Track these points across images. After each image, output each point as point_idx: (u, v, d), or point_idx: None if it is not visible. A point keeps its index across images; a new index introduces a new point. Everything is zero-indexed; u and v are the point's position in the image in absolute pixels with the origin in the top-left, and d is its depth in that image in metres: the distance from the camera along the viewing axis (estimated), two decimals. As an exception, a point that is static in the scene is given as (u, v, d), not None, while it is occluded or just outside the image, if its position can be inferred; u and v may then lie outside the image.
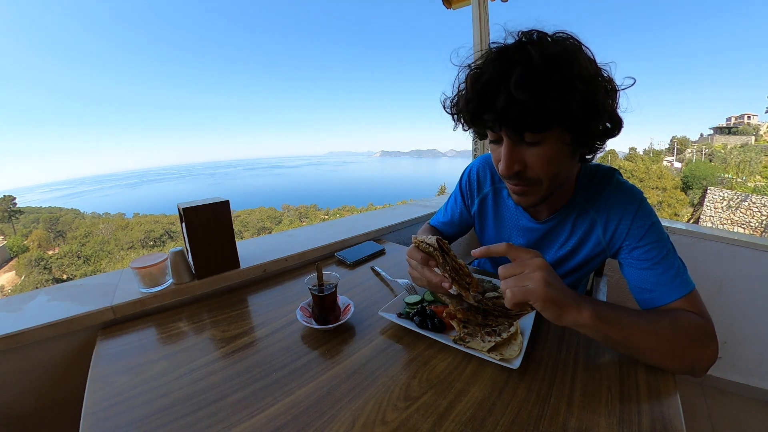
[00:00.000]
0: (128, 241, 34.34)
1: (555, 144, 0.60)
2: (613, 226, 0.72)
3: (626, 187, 0.73)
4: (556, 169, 0.63)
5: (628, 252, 0.70)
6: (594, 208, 0.74)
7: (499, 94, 0.55)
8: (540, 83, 0.53)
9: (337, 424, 0.50)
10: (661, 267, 0.65)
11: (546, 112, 0.54)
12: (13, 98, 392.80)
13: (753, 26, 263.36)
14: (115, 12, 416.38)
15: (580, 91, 0.54)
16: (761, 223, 18.03)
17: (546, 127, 0.57)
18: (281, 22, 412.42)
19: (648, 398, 0.53)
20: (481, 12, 1.77)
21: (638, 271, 0.68)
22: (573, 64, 0.54)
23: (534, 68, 0.53)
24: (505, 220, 0.87)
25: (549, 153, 0.60)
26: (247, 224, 41.14)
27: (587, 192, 0.75)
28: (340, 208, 53.38)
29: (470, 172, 0.93)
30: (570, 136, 0.59)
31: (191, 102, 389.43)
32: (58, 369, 0.79)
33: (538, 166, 0.61)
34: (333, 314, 0.74)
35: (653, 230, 0.68)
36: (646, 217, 0.69)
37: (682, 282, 0.64)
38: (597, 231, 0.75)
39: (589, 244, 0.76)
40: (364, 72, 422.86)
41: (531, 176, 0.63)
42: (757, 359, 1.50)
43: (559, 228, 0.79)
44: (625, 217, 0.70)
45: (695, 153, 38.02)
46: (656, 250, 0.67)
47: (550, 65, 0.53)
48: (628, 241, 0.70)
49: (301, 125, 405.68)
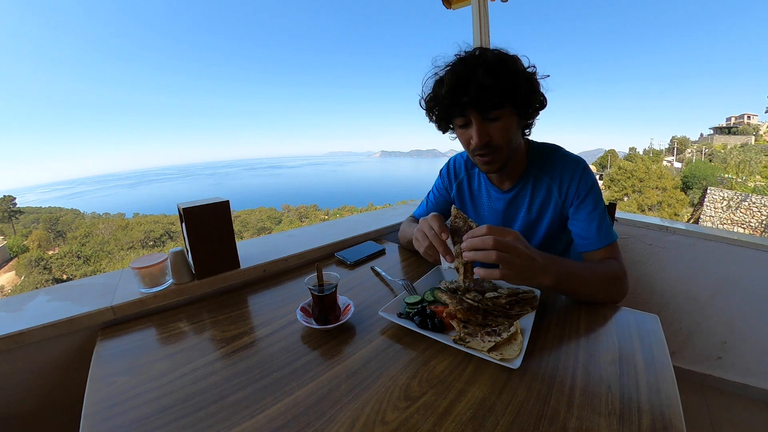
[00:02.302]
0: (128, 242, 34.34)
1: (508, 118, 0.82)
2: (566, 186, 0.91)
3: (572, 156, 0.94)
4: (510, 137, 0.84)
5: (574, 208, 0.91)
6: (548, 176, 0.94)
7: (470, 83, 0.78)
8: (497, 73, 0.77)
9: (337, 424, 0.50)
10: (596, 221, 0.87)
11: (502, 92, 0.77)
12: (13, 98, 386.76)
13: (753, 26, 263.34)
14: (115, 12, 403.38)
15: (523, 77, 0.80)
16: (761, 223, 18.02)
17: (502, 105, 0.79)
18: (281, 23, 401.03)
19: (648, 398, 0.53)
20: (481, 12, 1.77)
21: (580, 223, 0.89)
22: (516, 63, 0.81)
23: (491, 65, 0.78)
24: (479, 195, 1.08)
25: (505, 125, 0.82)
26: (247, 224, 41.14)
27: (538, 163, 0.95)
28: (340, 208, 53.39)
29: (448, 165, 1.17)
30: (517, 112, 0.83)
31: (191, 102, 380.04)
32: (58, 369, 0.79)
33: (500, 135, 0.83)
34: (333, 314, 0.74)
35: (593, 190, 0.90)
36: (589, 180, 0.90)
37: (609, 234, 0.87)
38: (554, 193, 0.93)
39: (550, 205, 0.94)
40: (364, 72, 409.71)
41: (495, 144, 0.83)
42: (757, 359, 1.50)
43: (521, 194, 0.98)
44: (573, 180, 0.90)
45: (695, 153, 38.02)
46: (593, 205, 0.88)
47: (502, 63, 0.79)
48: (575, 200, 0.90)
49: (301, 125, 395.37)
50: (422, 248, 0.79)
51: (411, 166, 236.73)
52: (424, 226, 0.78)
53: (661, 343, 0.66)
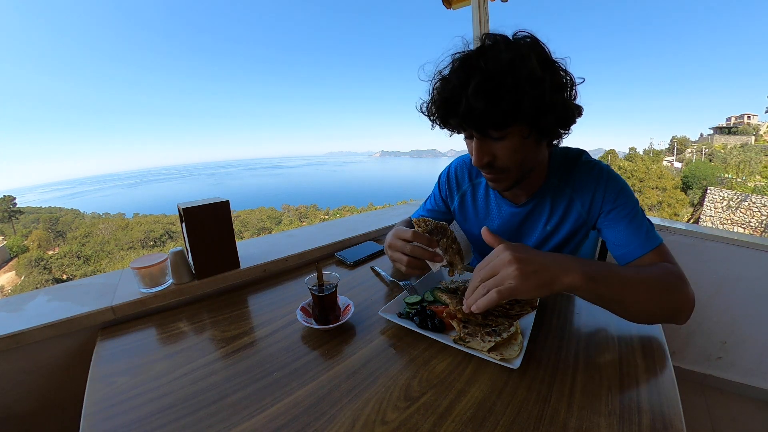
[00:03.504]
0: (128, 241, 34.32)
1: (517, 137, 0.67)
2: (589, 197, 0.80)
3: (592, 163, 0.82)
4: (521, 158, 0.71)
5: (604, 216, 0.79)
6: (570, 187, 0.82)
7: (460, 101, 0.63)
8: (495, 89, 0.61)
9: (337, 425, 0.50)
10: (634, 225, 0.74)
11: (501, 114, 0.62)
12: (13, 98, 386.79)
13: (753, 26, 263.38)
14: (114, 12, 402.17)
15: (529, 93, 0.61)
16: (761, 223, 18.01)
17: (504, 126, 0.65)
18: (281, 23, 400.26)
19: (648, 398, 0.53)
20: (481, 12, 1.77)
21: (614, 230, 0.76)
22: (523, 69, 0.60)
23: (489, 76, 0.61)
24: (488, 210, 0.94)
25: (513, 145, 0.68)
26: (247, 224, 41.12)
27: (560, 174, 0.83)
28: (340, 208, 53.36)
29: (448, 172, 1.01)
30: (528, 130, 0.66)
31: (191, 102, 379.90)
32: (58, 369, 0.79)
33: (505, 156, 0.70)
34: (333, 314, 0.74)
35: (623, 193, 0.77)
36: (616, 183, 0.78)
37: (652, 237, 0.72)
38: (576, 206, 0.82)
39: (570, 219, 0.83)
40: (364, 72, 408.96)
41: (500, 166, 0.71)
42: (757, 359, 1.50)
43: (538, 209, 0.86)
44: (598, 188, 0.79)
45: (695, 153, 38.00)
46: (627, 208, 0.76)
47: (503, 71, 0.61)
48: (604, 206, 0.78)
49: (301, 125, 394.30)
50: (404, 268, 0.79)
51: (411, 166, 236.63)
52: (394, 246, 0.79)
53: (661, 343, 0.66)
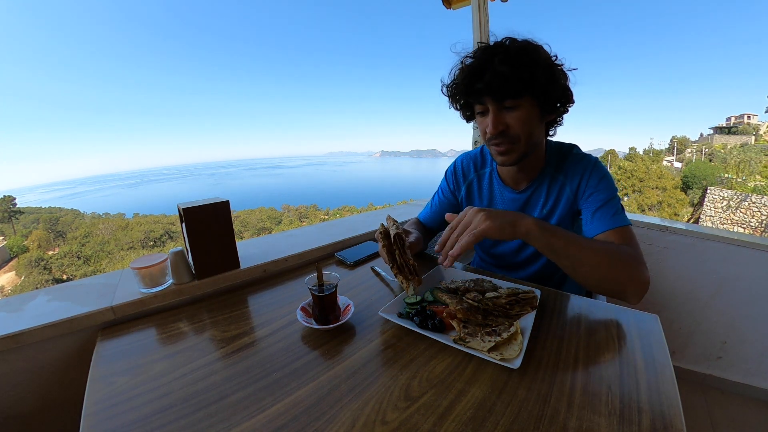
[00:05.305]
0: (128, 242, 34.32)
1: (528, 109, 0.81)
2: (577, 181, 0.90)
3: (582, 154, 0.94)
4: (530, 129, 0.83)
5: (585, 198, 0.89)
6: (563, 174, 0.93)
7: (486, 70, 0.78)
8: (515, 61, 0.76)
9: (338, 425, 0.50)
10: (606, 207, 0.84)
11: (519, 81, 0.76)
12: (13, 98, 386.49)
13: (753, 26, 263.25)
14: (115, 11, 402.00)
15: (543, 67, 0.78)
16: (761, 223, 18.01)
17: (520, 94, 0.78)
18: (281, 23, 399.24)
19: (648, 398, 0.53)
20: (481, 12, 1.77)
21: (588, 210, 0.87)
22: (536, 52, 0.79)
23: (510, 53, 0.78)
24: (491, 196, 1.05)
25: (524, 115, 0.81)
26: (247, 224, 41.12)
27: (555, 163, 0.94)
28: (340, 208, 53.36)
29: (455, 165, 1.13)
30: (537, 103, 0.81)
31: (191, 102, 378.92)
32: (58, 369, 0.79)
33: (517, 125, 0.81)
34: (333, 314, 0.74)
35: (605, 180, 0.88)
36: (600, 171, 0.89)
37: (618, 219, 0.82)
38: (567, 191, 0.92)
39: (562, 202, 0.93)
40: (363, 72, 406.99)
41: (512, 134, 0.82)
42: (757, 359, 1.50)
43: (536, 194, 0.97)
44: (585, 174, 0.90)
45: (695, 153, 38.00)
46: (605, 194, 0.86)
47: (521, 52, 0.78)
48: (587, 190, 0.89)
49: (301, 125, 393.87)
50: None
51: (411, 166, 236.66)
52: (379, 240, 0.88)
53: (661, 343, 0.66)
